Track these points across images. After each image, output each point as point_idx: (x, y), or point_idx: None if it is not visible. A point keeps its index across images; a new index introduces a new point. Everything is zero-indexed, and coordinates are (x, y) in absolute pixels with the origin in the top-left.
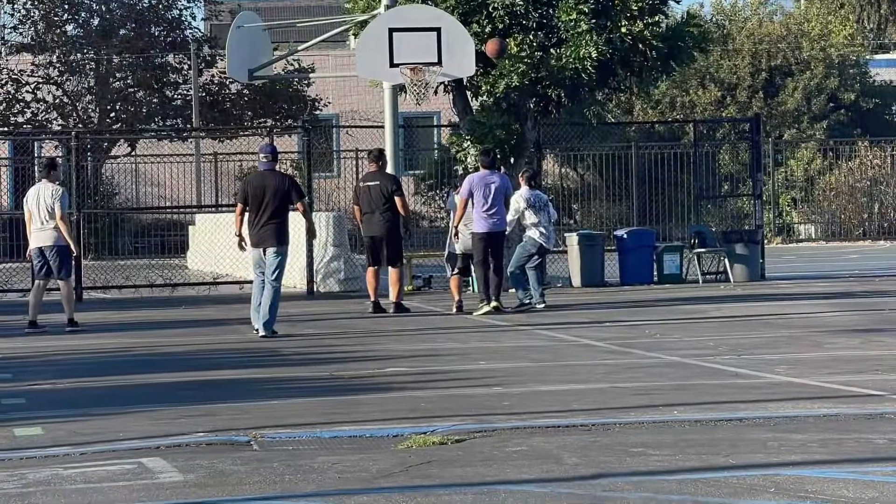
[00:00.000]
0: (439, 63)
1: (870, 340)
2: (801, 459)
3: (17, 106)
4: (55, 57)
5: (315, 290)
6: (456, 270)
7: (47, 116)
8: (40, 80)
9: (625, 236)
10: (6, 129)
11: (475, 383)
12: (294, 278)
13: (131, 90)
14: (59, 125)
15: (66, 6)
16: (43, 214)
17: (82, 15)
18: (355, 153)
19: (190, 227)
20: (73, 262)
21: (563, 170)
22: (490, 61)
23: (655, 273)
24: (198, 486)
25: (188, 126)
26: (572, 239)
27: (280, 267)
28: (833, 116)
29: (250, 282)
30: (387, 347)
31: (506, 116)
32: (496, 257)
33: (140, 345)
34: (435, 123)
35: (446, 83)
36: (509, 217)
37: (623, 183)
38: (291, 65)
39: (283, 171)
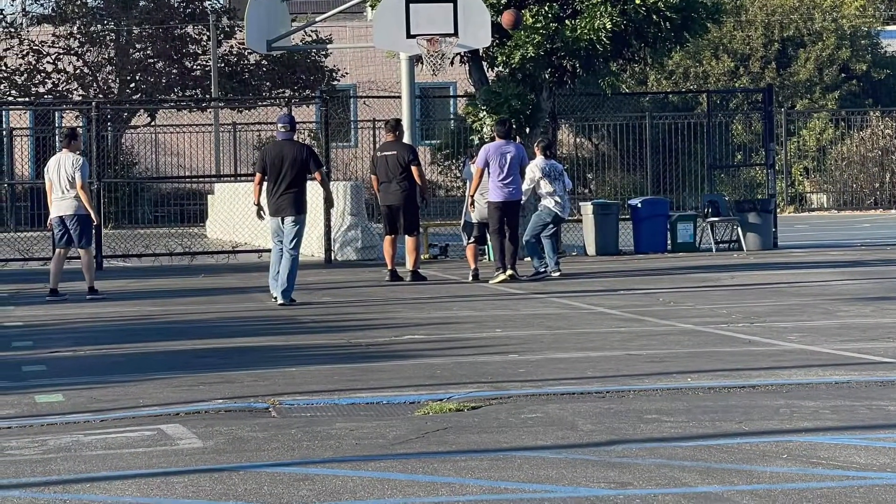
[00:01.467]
0: (455, 34)
1: (881, 308)
2: (813, 426)
3: (38, 76)
4: (76, 28)
5: (332, 258)
6: (472, 239)
7: (68, 87)
8: (61, 51)
9: (639, 205)
10: (27, 99)
11: (491, 351)
12: (312, 247)
13: (151, 61)
14: (79, 95)
15: None
16: (63, 184)
17: None
18: (372, 123)
19: (209, 197)
20: (94, 231)
21: (577, 140)
22: (506, 32)
23: (669, 242)
24: (217, 453)
25: (207, 96)
26: (587, 208)
27: (298, 236)
28: (845, 87)
29: (268, 250)
30: (403, 315)
31: (521, 87)
32: (512, 226)
33: (159, 313)
34: (451, 94)
35: (462, 54)
36: (525, 186)
37: (637, 153)
38: (309, 36)
39: (300, 140)
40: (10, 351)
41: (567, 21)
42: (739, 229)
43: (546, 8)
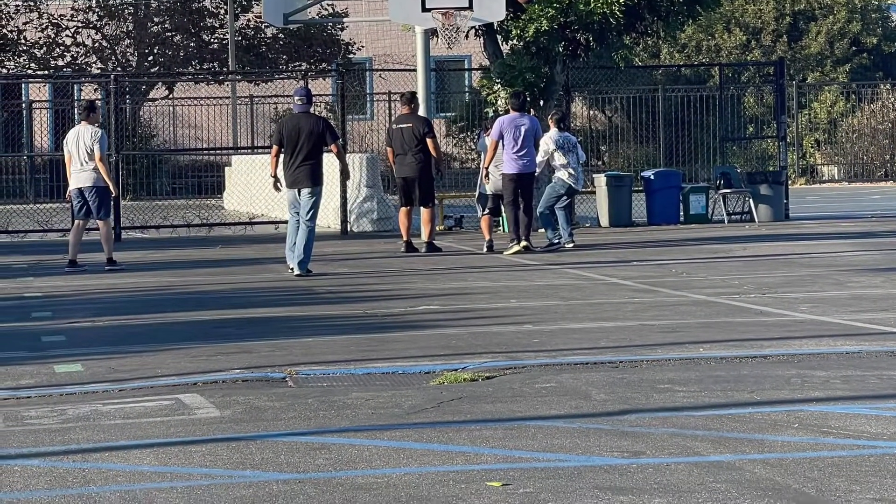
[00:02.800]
0: (470, 7)
1: (892, 279)
2: (824, 396)
3: (58, 50)
4: (94, 1)
5: (349, 229)
6: (486, 211)
7: (87, 60)
8: (80, 25)
9: (652, 177)
10: (47, 72)
11: (505, 321)
12: (328, 218)
13: (169, 34)
14: (98, 68)
15: None
16: (82, 156)
17: None
18: (388, 96)
19: (226, 168)
20: (112, 203)
21: (591, 112)
22: (520, 6)
23: (682, 213)
24: (234, 422)
25: (224, 69)
26: (600, 180)
27: (314, 207)
28: (855, 60)
29: (285, 222)
30: (419, 286)
31: (535, 60)
32: (526, 198)
33: (177, 283)
34: (466, 67)
35: (477, 27)
36: (539, 158)
37: (650, 125)
38: (325, 9)
39: (317, 113)
40: (29, 321)
41: None
42: (751, 201)
43: None
